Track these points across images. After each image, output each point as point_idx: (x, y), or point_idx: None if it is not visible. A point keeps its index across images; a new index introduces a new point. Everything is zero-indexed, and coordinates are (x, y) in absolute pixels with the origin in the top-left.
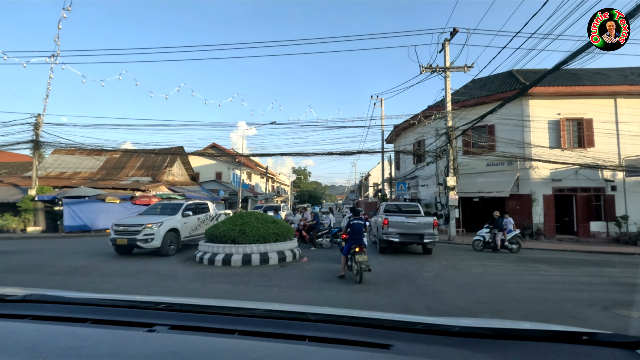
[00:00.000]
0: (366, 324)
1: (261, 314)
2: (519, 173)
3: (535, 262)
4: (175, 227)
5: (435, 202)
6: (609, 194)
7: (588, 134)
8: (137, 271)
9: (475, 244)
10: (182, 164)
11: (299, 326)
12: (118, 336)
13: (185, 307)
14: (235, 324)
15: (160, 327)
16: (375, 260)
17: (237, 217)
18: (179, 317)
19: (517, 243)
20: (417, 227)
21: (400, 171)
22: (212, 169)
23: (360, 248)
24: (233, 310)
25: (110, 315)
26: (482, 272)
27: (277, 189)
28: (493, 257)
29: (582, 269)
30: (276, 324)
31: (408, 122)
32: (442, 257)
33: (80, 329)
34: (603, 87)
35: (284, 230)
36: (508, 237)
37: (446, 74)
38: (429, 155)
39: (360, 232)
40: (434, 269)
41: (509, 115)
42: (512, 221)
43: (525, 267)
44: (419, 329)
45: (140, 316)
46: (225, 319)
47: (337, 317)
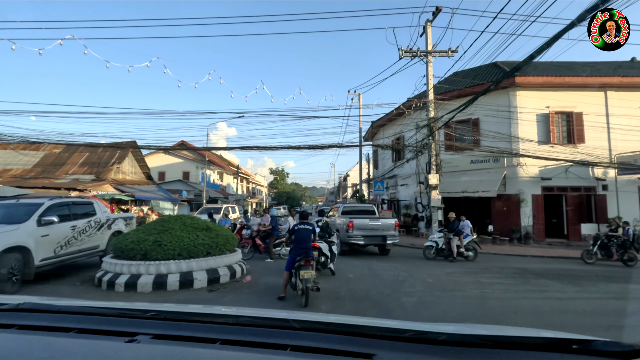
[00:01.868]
0: (351, 332)
1: (245, 321)
2: (506, 171)
3: (497, 274)
4: (21, 243)
5: (415, 203)
6: (600, 194)
7: (578, 129)
8: None
9: (426, 251)
10: (135, 161)
11: (282, 334)
12: (96, 347)
13: (171, 316)
14: (218, 333)
15: (142, 337)
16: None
17: (156, 223)
18: (163, 326)
19: (474, 250)
20: (381, 228)
21: (378, 170)
22: (179, 168)
23: (306, 261)
24: (218, 317)
25: (95, 324)
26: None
27: (253, 190)
28: (447, 267)
29: (555, 285)
30: (259, 333)
31: (386, 119)
32: (407, 264)
33: (60, 339)
34: (594, 78)
35: (220, 240)
36: (464, 242)
37: (428, 58)
38: (408, 150)
39: (306, 240)
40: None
41: (495, 107)
42: (470, 224)
43: (485, 280)
44: (405, 337)
45: (125, 325)
46: (209, 328)
47: (322, 324)
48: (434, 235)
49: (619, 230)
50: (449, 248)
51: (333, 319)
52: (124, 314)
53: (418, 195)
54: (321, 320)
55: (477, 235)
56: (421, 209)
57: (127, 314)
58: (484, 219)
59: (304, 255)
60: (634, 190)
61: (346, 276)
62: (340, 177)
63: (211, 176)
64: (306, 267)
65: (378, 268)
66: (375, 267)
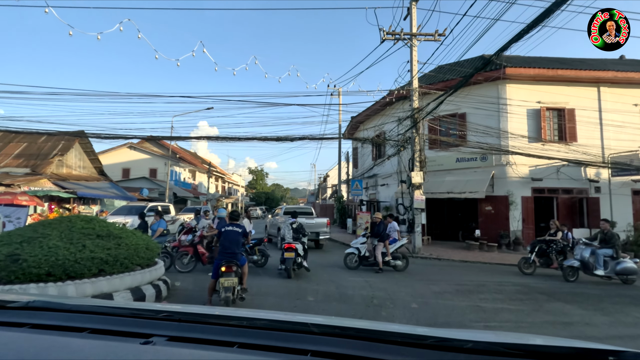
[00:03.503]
0: (371, 338)
1: (263, 325)
2: (494, 171)
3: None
4: None
5: (396, 205)
6: (592, 196)
7: (570, 126)
8: None
9: (347, 259)
10: (84, 154)
11: (301, 339)
12: (112, 348)
13: (185, 317)
14: (236, 336)
15: (157, 339)
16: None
17: (26, 229)
18: (178, 328)
19: (404, 257)
20: (314, 226)
21: (358, 169)
22: (146, 165)
23: (227, 267)
24: (234, 320)
25: (109, 324)
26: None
27: (229, 190)
28: (370, 278)
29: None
30: (277, 337)
31: (366, 114)
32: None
33: (75, 339)
34: (587, 72)
35: (123, 252)
36: (391, 248)
37: (412, 42)
38: (389, 144)
39: (234, 243)
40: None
41: (483, 101)
42: (398, 227)
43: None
44: (428, 344)
45: (139, 326)
46: (226, 330)
47: (341, 329)
48: (357, 241)
49: (558, 234)
50: (374, 255)
51: (352, 323)
52: (136, 314)
53: (399, 196)
54: (340, 324)
55: (463, 240)
56: (403, 211)
57: (140, 315)
58: (470, 222)
59: (226, 260)
60: (627, 193)
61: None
62: (320, 178)
63: (182, 174)
64: (227, 273)
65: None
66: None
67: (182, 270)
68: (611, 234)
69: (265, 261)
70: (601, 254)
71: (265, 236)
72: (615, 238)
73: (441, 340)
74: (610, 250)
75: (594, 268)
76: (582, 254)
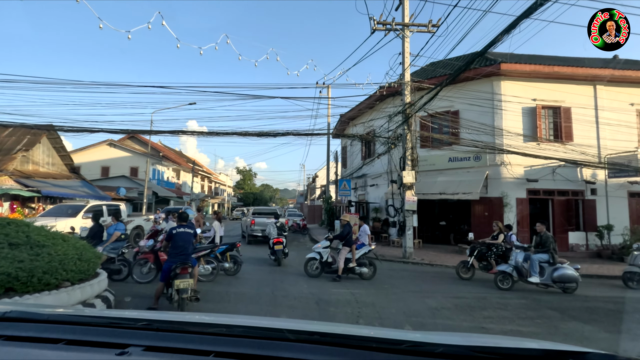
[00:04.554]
0: (348, 344)
1: (239, 332)
2: (488, 171)
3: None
4: None
5: (386, 206)
6: (589, 199)
7: (566, 125)
8: None
9: (308, 265)
10: (53, 150)
11: (276, 346)
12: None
13: (163, 326)
14: (213, 344)
15: (133, 349)
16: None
17: None
18: (155, 337)
19: (371, 264)
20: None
21: (347, 169)
22: (126, 163)
23: (183, 269)
24: (212, 327)
25: (85, 335)
26: None
27: (216, 190)
28: (356, 290)
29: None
30: (253, 344)
31: (358, 109)
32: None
33: (50, 352)
34: (584, 70)
35: (52, 265)
36: (358, 254)
37: (405, 33)
38: (380, 142)
39: (186, 245)
40: None
41: (477, 97)
42: (368, 231)
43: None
44: (402, 350)
45: (116, 336)
46: (203, 339)
47: (319, 334)
48: (319, 245)
49: (499, 237)
50: (337, 262)
51: (329, 329)
52: (113, 323)
53: (390, 197)
54: (318, 330)
55: (456, 244)
56: (393, 212)
57: (117, 324)
58: (462, 224)
59: (181, 262)
60: (624, 195)
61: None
62: (309, 178)
63: (165, 173)
64: (183, 275)
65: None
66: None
67: (140, 280)
68: (546, 237)
69: (238, 268)
70: (536, 260)
71: (238, 240)
72: (551, 241)
73: (415, 344)
74: (545, 255)
75: (529, 275)
76: (517, 258)
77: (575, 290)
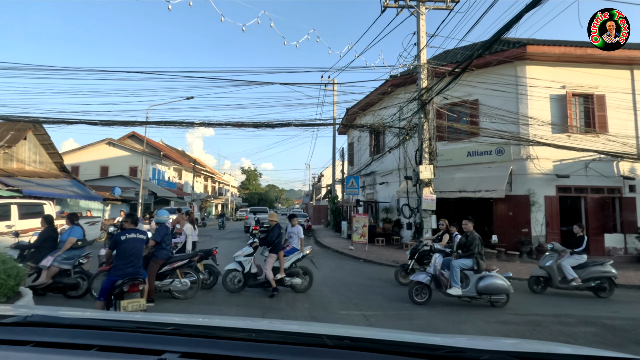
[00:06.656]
0: (382, 350)
1: (275, 338)
2: (512, 166)
3: None
4: None
5: (398, 205)
6: (627, 196)
7: (600, 115)
8: None
9: (228, 278)
10: (41, 147)
11: (314, 352)
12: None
13: (194, 331)
14: (249, 351)
15: (170, 355)
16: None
17: None
18: (189, 343)
19: (306, 274)
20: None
21: (354, 167)
22: (125, 163)
23: (132, 286)
24: (243, 332)
25: (118, 340)
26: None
27: (219, 191)
28: (369, 312)
29: None
30: (293, 351)
31: (365, 102)
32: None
33: (84, 358)
34: (619, 52)
35: None
36: (288, 262)
37: (420, 9)
38: (391, 133)
39: (135, 255)
40: None
41: (499, 83)
42: (302, 233)
43: None
44: (441, 356)
45: (150, 341)
46: (239, 345)
47: (360, 340)
48: (239, 252)
49: (444, 238)
50: (262, 271)
51: (364, 333)
52: (145, 328)
53: (403, 195)
54: (359, 336)
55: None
56: (408, 212)
57: (147, 329)
58: (483, 226)
59: (129, 277)
60: None
61: None
62: (315, 178)
63: (166, 173)
64: (132, 294)
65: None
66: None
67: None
68: (473, 238)
69: (215, 280)
70: (457, 266)
71: (215, 248)
72: (476, 244)
73: (455, 350)
74: (469, 260)
75: (449, 285)
76: (435, 264)
77: (505, 303)
